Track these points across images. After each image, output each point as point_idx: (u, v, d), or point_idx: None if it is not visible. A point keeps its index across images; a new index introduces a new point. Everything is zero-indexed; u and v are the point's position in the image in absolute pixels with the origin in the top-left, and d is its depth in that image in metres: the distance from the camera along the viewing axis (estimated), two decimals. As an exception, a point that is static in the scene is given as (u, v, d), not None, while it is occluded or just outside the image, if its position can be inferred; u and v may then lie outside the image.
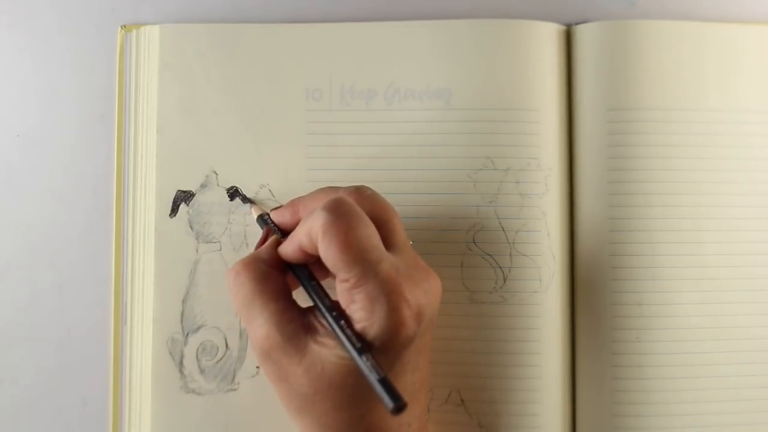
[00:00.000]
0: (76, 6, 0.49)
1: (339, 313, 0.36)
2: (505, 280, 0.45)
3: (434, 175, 0.45)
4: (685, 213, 0.45)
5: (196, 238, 0.46)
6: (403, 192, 0.45)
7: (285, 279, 0.39)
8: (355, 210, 0.36)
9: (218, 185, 0.46)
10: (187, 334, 0.45)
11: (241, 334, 0.45)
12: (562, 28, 0.47)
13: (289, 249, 0.38)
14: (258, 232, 0.44)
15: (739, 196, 0.45)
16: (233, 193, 0.46)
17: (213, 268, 0.45)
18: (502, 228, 0.45)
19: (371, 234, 0.36)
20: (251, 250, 0.45)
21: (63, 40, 0.49)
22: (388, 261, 0.35)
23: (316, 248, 0.36)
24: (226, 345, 0.45)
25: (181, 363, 0.45)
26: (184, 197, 0.46)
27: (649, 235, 0.45)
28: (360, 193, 0.38)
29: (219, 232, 0.46)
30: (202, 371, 0.45)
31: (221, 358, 0.45)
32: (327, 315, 0.36)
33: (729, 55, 0.46)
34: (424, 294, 0.36)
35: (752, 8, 0.48)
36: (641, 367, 0.44)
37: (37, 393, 0.47)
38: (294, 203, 0.41)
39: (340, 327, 0.35)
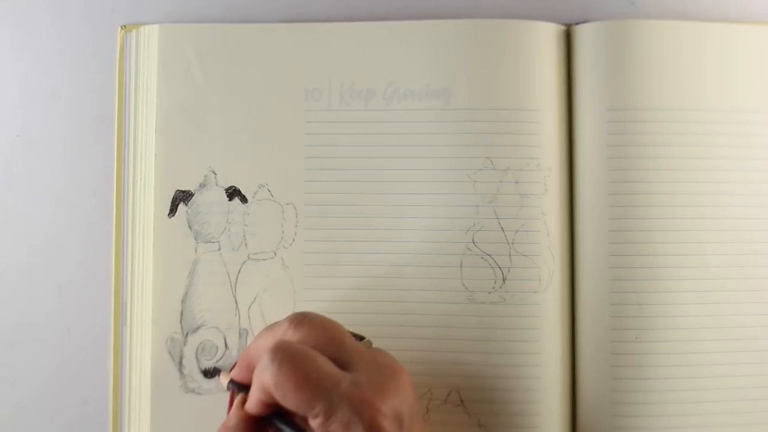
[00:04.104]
0: (76, 6, 0.49)
1: None
2: (504, 280, 0.45)
3: (434, 175, 0.45)
4: (685, 213, 0.45)
5: (195, 238, 0.46)
6: (403, 192, 0.45)
7: None
8: (294, 349, 0.35)
9: (217, 185, 0.46)
10: (187, 334, 0.45)
11: (240, 334, 0.45)
12: (562, 28, 0.47)
13: (254, 408, 0.37)
14: (257, 230, 0.44)
15: (740, 196, 0.45)
16: (232, 192, 0.46)
17: (212, 268, 0.45)
18: (502, 228, 0.45)
19: (320, 364, 0.35)
20: (250, 249, 0.46)
21: (63, 40, 0.49)
22: (346, 381, 0.34)
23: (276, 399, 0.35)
24: (226, 345, 0.45)
25: (180, 363, 0.45)
26: (182, 197, 0.46)
27: (649, 235, 0.44)
28: (297, 323, 0.37)
29: (218, 231, 0.46)
30: (201, 371, 0.45)
31: (221, 358, 0.45)
32: None
33: (729, 54, 0.46)
34: (395, 395, 0.35)
35: (752, 8, 0.48)
36: (641, 367, 0.44)
37: (37, 393, 0.47)
38: (245, 355, 0.40)
39: None
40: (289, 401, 0.34)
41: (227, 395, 0.41)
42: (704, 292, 0.45)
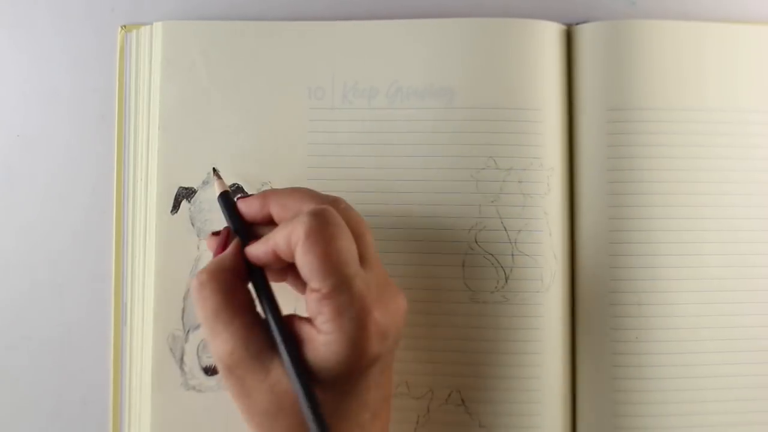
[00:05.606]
0: (76, 6, 0.49)
1: (290, 335, 0.35)
2: (506, 279, 0.45)
3: (436, 174, 0.45)
4: (685, 213, 0.45)
5: (198, 235, 0.46)
6: (405, 191, 0.45)
7: (250, 291, 0.37)
8: (340, 221, 0.35)
9: (220, 182, 0.46)
10: (188, 331, 0.45)
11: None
12: (563, 27, 0.47)
13: (260, 250, 0.37)
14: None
15: (740, 196, 0.45)
16: (235, 190, 0.46)
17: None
18: (504, 228, 0.45)
19: (351, 248, 0.35)
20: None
21: (63, 40, 0.49)
22: (361, 276, 0.35)
23: (292, 255, 0.35)
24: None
25: (181, 360, 0.45)
26: (185, 194, 0.46)
27: (649, 235, 0.45)
28: (337, 204, 0.37)
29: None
30: (202, 368, 0.45)
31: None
32: (276, 335, 0.35)
33: (729, 54, 0.46)
34: (390, 314, 0.36)
35: (752, 8, 0.48)
36: (641, 367, 0.44)
37: (37, 393, 0.47)
38: (266, 195, 0.39)
39: (289, 351, 0.34)
40: (307, 260, 0.34)
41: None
42: (704, 292, 0.45)
